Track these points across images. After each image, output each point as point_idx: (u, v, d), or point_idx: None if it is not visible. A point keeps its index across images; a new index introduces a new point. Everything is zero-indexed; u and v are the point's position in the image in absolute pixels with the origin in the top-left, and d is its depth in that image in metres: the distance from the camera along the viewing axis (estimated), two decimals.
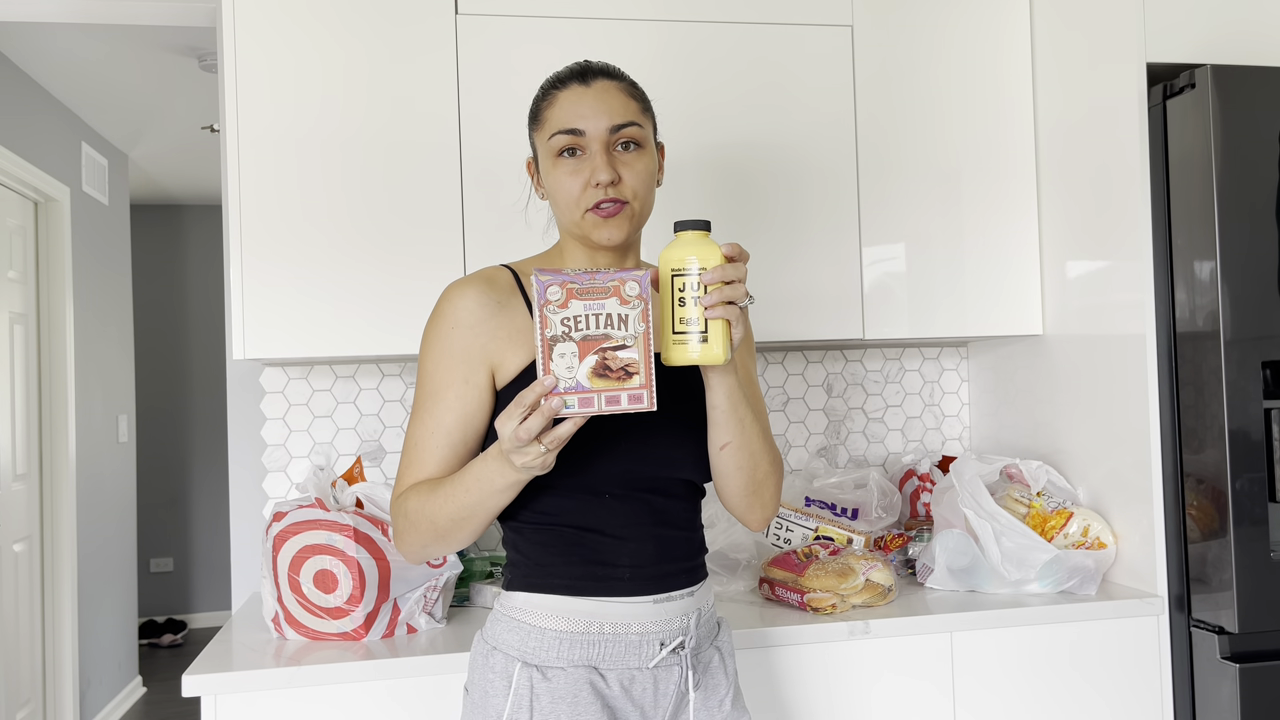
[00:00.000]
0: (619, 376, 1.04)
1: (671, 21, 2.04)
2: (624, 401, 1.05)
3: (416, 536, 1.21)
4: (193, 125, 4.19)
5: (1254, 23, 1.93)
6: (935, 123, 2.15)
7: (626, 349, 1.05)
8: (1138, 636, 1.85)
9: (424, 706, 1.60)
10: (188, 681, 1.53)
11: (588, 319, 1.04)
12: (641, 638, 1.22)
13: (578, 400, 1.04)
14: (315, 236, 1.89)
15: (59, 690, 3.73)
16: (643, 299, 1.06)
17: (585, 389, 1.04)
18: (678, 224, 1.12)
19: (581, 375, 1.04)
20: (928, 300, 2.13)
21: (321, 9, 1.91)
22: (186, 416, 6.01)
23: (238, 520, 2.23)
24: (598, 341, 1.04)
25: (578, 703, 1.19)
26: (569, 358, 1.04)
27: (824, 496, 2.20)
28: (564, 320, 1.04)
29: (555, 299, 1.04)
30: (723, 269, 1.09)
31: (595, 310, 1.05)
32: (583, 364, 1.04)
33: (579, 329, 1.04)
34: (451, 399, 1.22)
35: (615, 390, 1.04)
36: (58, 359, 3.76)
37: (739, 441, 1.22)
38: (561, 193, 1.24)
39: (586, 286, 1.05)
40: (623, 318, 1.05)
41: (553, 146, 1.24)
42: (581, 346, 1.04)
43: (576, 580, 1.22)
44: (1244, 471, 1.74)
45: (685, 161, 2.02)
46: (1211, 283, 1.76)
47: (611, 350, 1.05)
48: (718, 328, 1.09)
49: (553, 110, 1.25)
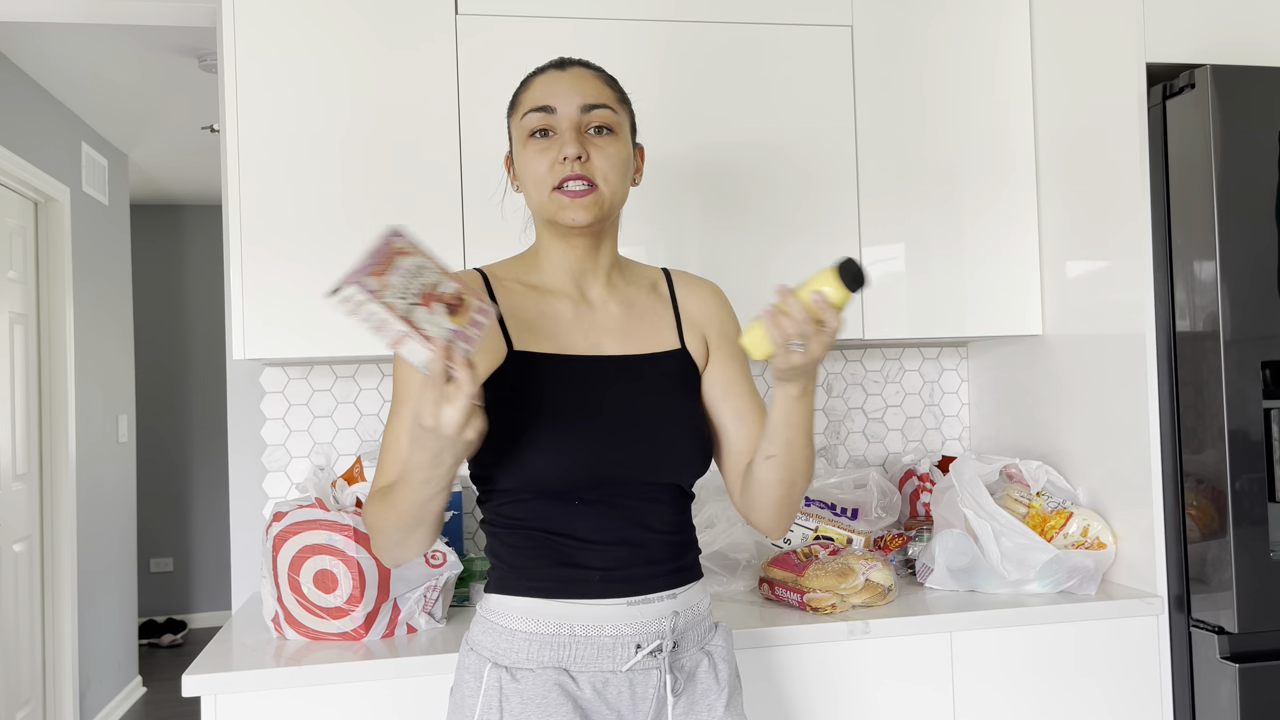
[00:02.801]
0: (459, 308, 1.08)
1: (671, 22, 2.04)
2: (481, 321, 1.08)
3: (380, 538, 1.20)
4: (193, 125, 4.19)
5: (1254, 23, 1.93)
6: (935, 123, 2.15)
7: (445, 282, 1.09)
8: (1137, 636, 1.85)
9: (424, 706, 1.60)
10: (188, 681, 1.53)
11: (407, 282, 1.06)
12: (615, 640, 1.20)
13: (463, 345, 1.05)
14: (315, 236, 1.89)
15: (59, 690, 3.73)
16: (411, 242, 1.09)
17: (458, 330, 1.05)
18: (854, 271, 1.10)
19: (446, 323, 1.05)
20: (928, 300, 2.13)
21: (322, 9, 1.91)
22: (186, 416, 6.02)
23: (238, 520, 2.23)
24: (427, 292, 1.07)
25: (546, 704, 1.17)
26: (427, 318, 1.05)
27: (824, 496, 2.20)
28: (397, 293, 1.05)
29: (374, 287, 1.03)
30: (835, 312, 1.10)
31: (403, 269, 1.07)
32: (437, 314, 1.06)
33: (412, 291, 1.06)
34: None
35: (469, 316, 1.08)
36: (58, 359, 3.76)
37: (787, 457, 1.21)
38: (530, 173, 1.24)
39: (378, 260, 1.06)
40: (420, 265, 1.08)
41: (525, 126, 1.24)
42: (425, 301, 1.06)
43: (547, 583, 1.21)
44: (1244, 471, 1.74)
45: (685, 161, 2.02)
46: (1211, 283, 1.76)
47: (440, 289, 1.08)
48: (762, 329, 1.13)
49: (527, 93, 1.27)
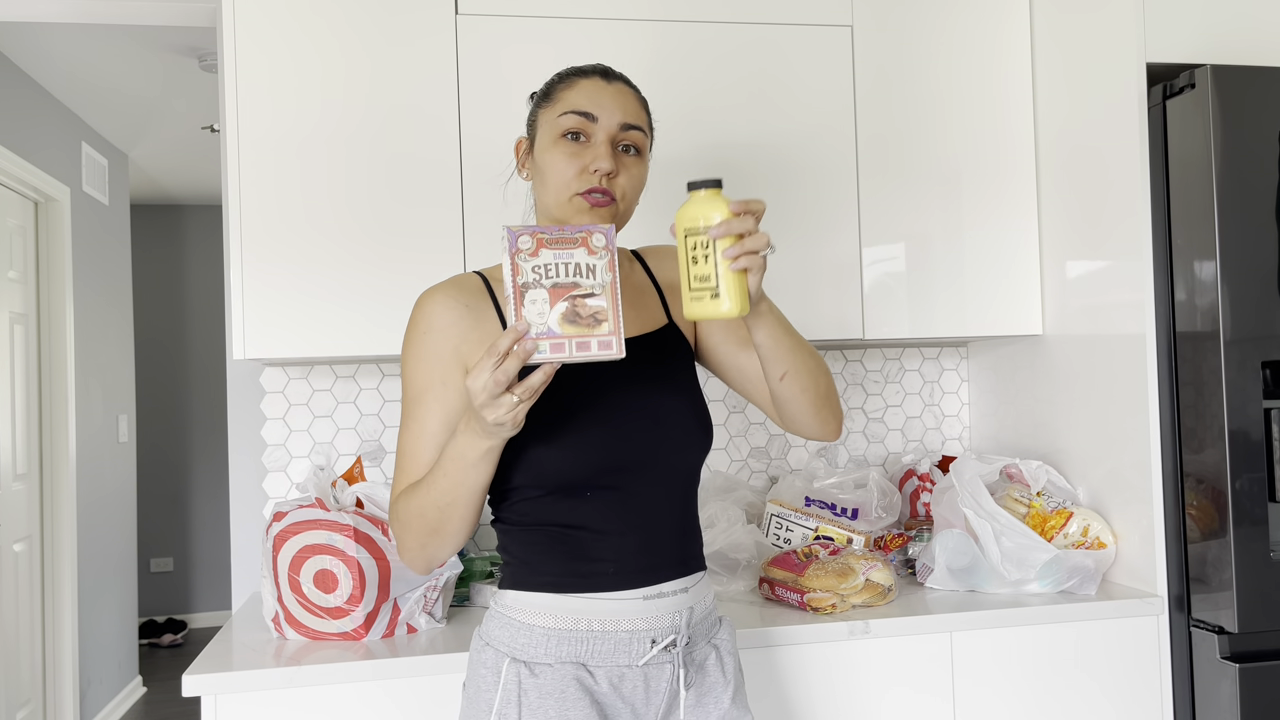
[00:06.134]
0: (588, 323, 1.07)
1: (671, 21, 2.04)
2: (594, 348, 1.06)
3: (413, 536, 1.21)
4: (193, 125, 4.19)
5: (1254, 23, 1.93)
6: (935, 122, 2.15)
7: (595, 297, 1.07)
8: (1137, 636, 1.85)
9: (424, 706, 1.60)
10: (188, 681, 1.54)
11: (557, 267, 1.07)
12: (631, 635, 1.22)
13: (549, 345, 1.05)
14: (315, 236, 1.89)
15: (59, 690, 3.73)
16: (609, 250, 1.09)
17: (556, 334, 1.05)
18: (690, 184, 1.14)
19: (553, 321, 1.05)
20: (928, 300, 2.13)
21: (321, 9, 1.91)
22: (186, 416, 6.02)
23: (238, 520, 2.23)
24: (567, 289, 1.07)
25: (565, 699, 1.19)
26: (540, 304, 1.05)
27: (824, 496, 2.20)
28: (534, 268, 1.06)
29: (526, 248, 1.06)
30: (728, 223, 1.11)
31: (564, 259, 1.07)
32: (553, 310, 1.06)
33: (549, 276, 1.06)
34: (431, 402, 1.22)
35: (585, 336, 1.06)
36: (58, 359, 3.76)
37: (794, 367, 1.26)
38: (554, 172, 1.25)
39: (556, 237, 1.07)
40: (590, 267, 1.08)
41: (560, 124, 1.25)
42: (552, 293, 1.06)
43: (562, 578, 1.22)
44: (1244, 471, 1.74)
45: (685, 161, 2.02)
46: (1211, 283, 1.76)
47: (581, 297, 1.07)
48: (732, 280, 1.11)
49: (570, 92, 1.27)
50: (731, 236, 1.11)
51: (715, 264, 1.11)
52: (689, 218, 1.13)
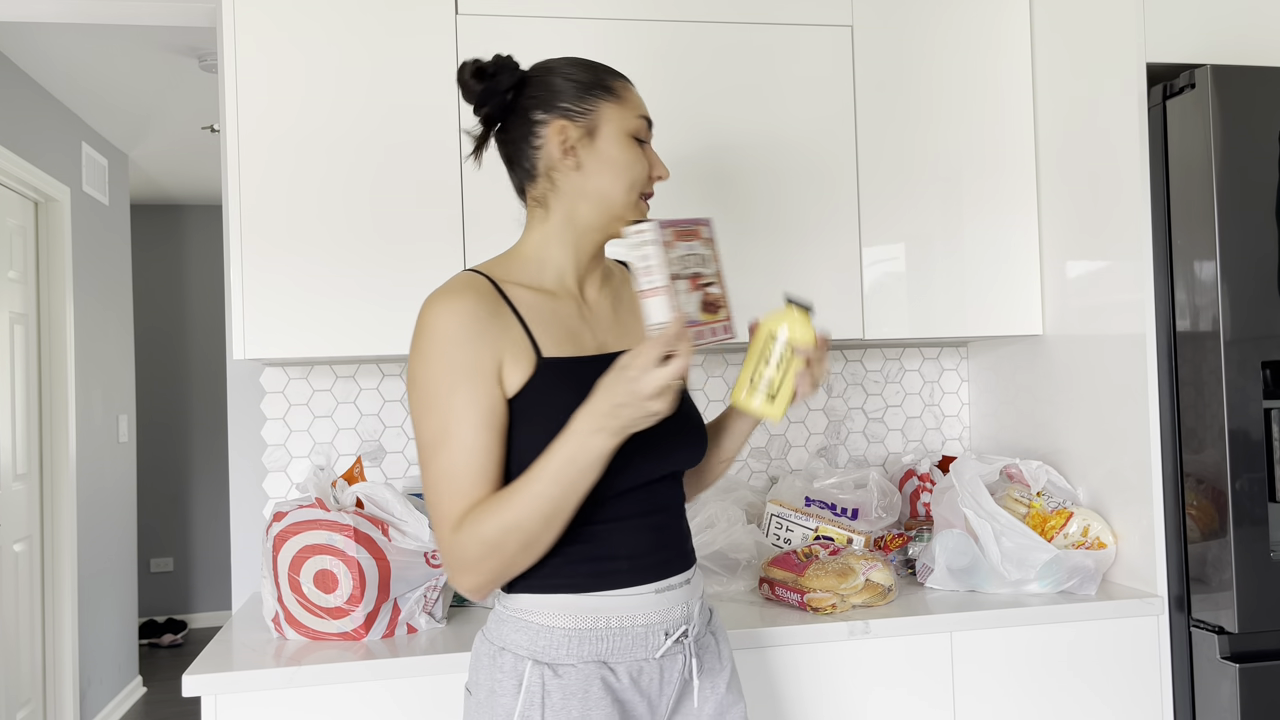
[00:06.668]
0: (712, 310, 1.12)
1: (671, 21, 2.04)
2: (720, 333, 1.13)
3: (501, 557, 1.14)
4: (193, 125, 4.19)
5: (1254, 23, 1.93)
6: (935, 122, 2.15)
7: (714, 285, 1.13)
8: (1137, 636, 1.85)
9: (424, 707, 1.60)
10: (188, 681, 1.54)
11: (688, 258, 1.10)
12: (647, 629, 1.24)
13: (694, 334, 1.09)
14: (315, 236, 1.90)
15: (59, 690, 3.73)
16: (712, 240, 1.14)
17: (699, 323, 1.10)
18: (789, 299, 1.21)
19: (694, 310, 1.09)
20: (928, 300, 2.13)
21: (321, 9, 1.91)
22: (186, 416, 6.02)
23: (238, 520, 2.23)
24: (697, 279, 1.11)
25: (589, 698, 1.20)
26: (684, 294, 1.09)
27: (824, 496, 2.20)
28: (675, 259, 1.09)
29: (668, 239, 1.08)
30: (817, 350, 1.21)
31: (692, 250, 1.11)
32: (692, 299, 1.10)
33: (687, 268, 1.10)
34: (464, 416, 1.15)
35: (714, 323, 1.12)
36: (58, 359, 3.76)
37: (731, 458, 1.45)
38: (630, 170, 1.26)
39: (683, 230, 1.11)
40: (705, 257, 1.12)
41: (633, 127, 1.27)
42: (691, 283, 1.10)
43: (579, 578, 1.23)
44: (1244, 471, 1.74)
45: (685, 161, 2.02)
46: (1211, 283, 1.76)
47: (705, 286, 1.12)
48: (789, 394, 1.22)
49: (631, 95, 1.30)
50: (808, 360, 1.21)
51: (784, 376, 1.20)
52: (781, 327, 1.20)
